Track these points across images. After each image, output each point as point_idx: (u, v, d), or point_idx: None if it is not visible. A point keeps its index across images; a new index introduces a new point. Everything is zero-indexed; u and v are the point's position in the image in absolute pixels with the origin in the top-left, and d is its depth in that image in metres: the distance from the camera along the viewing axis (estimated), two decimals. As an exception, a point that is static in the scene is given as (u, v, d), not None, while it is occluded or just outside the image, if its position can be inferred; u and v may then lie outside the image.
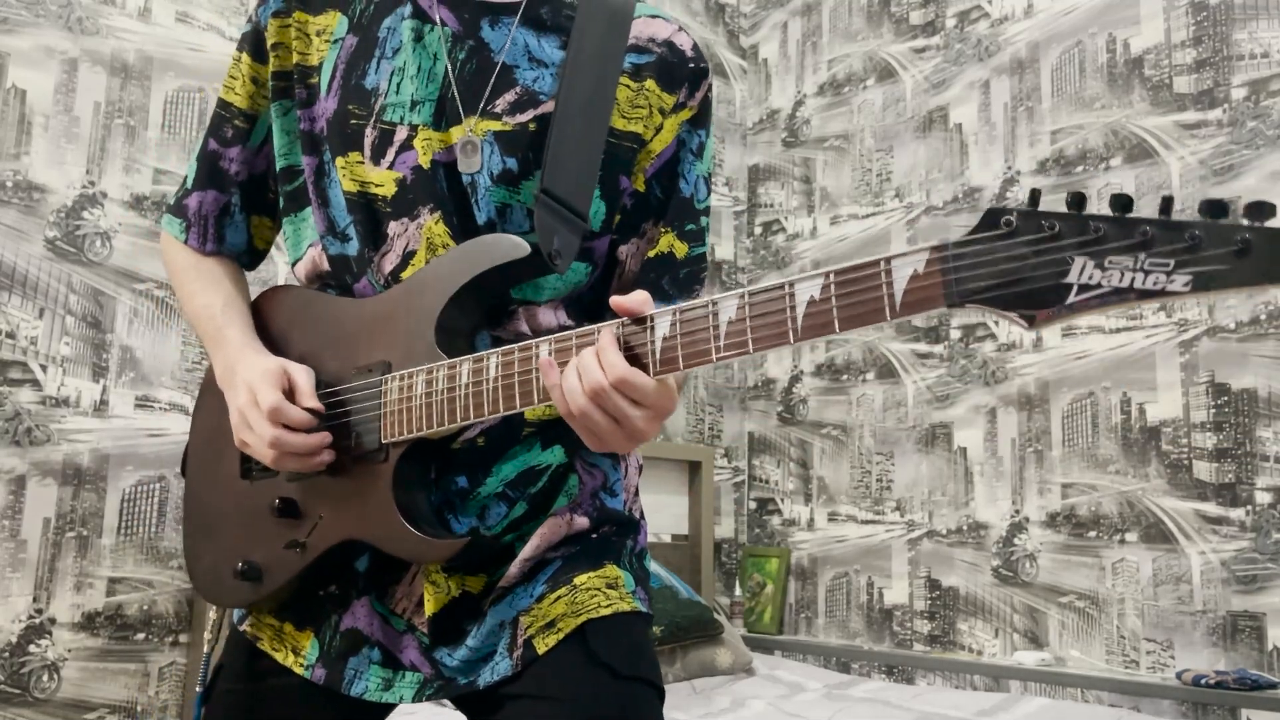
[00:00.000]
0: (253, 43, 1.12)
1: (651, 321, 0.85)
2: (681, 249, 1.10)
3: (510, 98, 1.03)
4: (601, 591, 1.01)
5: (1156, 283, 0.65)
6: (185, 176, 1.16)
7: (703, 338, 0.82)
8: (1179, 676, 2.52)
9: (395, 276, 1.02)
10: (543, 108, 1.03)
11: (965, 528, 3.14)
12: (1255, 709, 2.42)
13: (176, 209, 1.15)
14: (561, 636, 0.98)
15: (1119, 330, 2.85)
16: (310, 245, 1.10)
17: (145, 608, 2.42)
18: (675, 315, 0.83)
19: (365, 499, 0.98)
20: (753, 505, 3.81)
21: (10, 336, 2.30)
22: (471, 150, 1.01)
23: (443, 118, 1.03)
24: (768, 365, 3.84)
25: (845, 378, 3.56)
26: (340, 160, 1.05)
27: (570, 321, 1.06)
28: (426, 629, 1.01)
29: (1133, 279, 0.66)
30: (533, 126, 1.03)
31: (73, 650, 2.30)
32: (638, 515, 1.12)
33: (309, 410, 0.98)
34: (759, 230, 4.00)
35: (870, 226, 3.58)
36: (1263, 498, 2.54)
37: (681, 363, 0.83)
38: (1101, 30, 3.03)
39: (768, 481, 3.77)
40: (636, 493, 1.13)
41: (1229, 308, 2.65)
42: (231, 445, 1.05)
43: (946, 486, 3.21)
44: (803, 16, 3.96)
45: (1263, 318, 2.60)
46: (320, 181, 1.08)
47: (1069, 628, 2.86)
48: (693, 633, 2.88)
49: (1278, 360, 2.57)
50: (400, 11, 1.05)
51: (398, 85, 1.04)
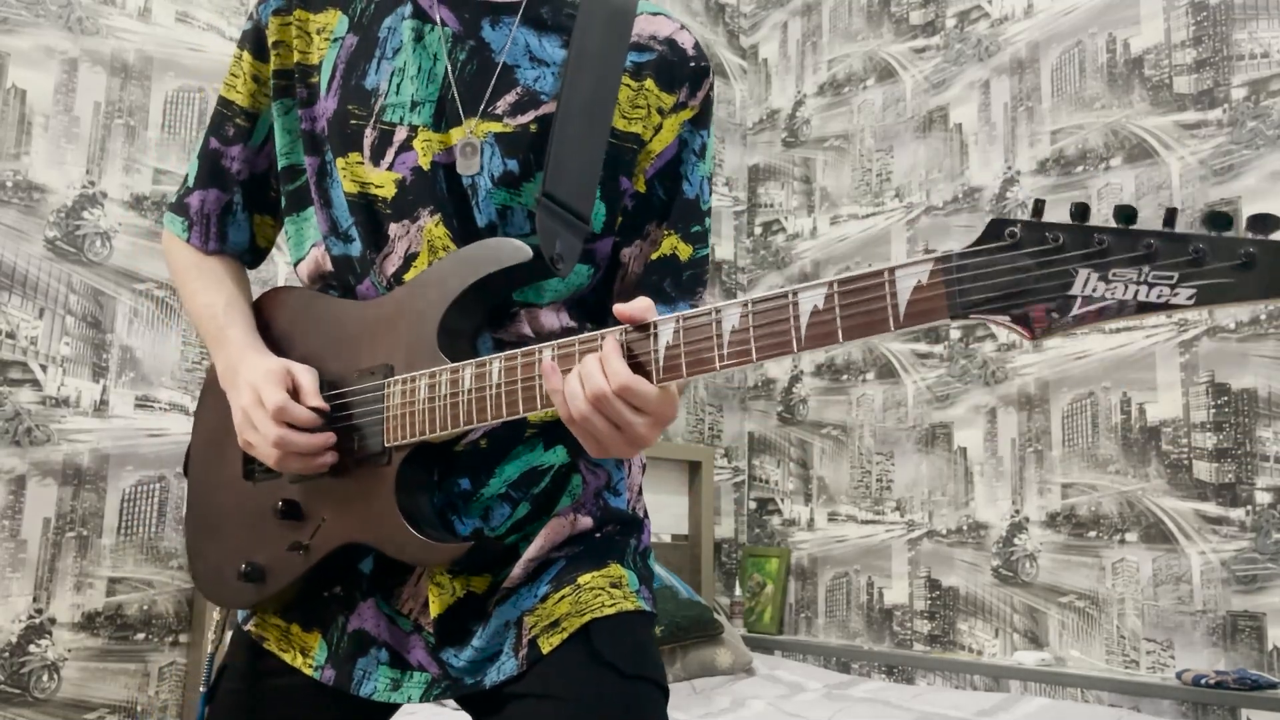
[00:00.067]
0: (253, 40, 1.11)
1: (655, 329, 0.84)
2: (685, 251, 1.09)
3: (511, 99, 1.02)
4: (605, 591, 1.01)
5: (1160, 296, 0.65)
6: (187, 174, 1.15)
7: (706, 346, 0.82)
8: (1179, 676, 2.52)
9: (398, 278, 1.02)
10: (544, 108, 1.02)
11: (965, 528, 3.14)
12: (1255, 709, 2.42)
13: (178, 207, 1.15)
14: (566, 636, 0.98)
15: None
16: (313, 245, 1.09)
17: (145, 608, 2.41)
18: (678, 323, 0.83)
19: (368, 502, 0.98)
20: (753, 505, 3.81)
21: (10, 336, 2.30)
22: (471, 152, 1.00)
23: (443, 119, 1.02)
24: (767, 365, 3.84)
25: (845, 378, 3.56)
26: (341, 161, 1.04)
27: (573, 323, 1.06)
28: (433, 630, 1.01)
29: (1136, 292, 0.66)
30: (534, 128, 1.02)
31: (73, 650, 2.30)
32: (641, 514, 1.12)
33: (314, 409, 0.98)
34: (759, 230, 4.00)
35: (870, 226, 3.58)
36: (1263, 498, 2.55)
37: (685, 370, 0.83)
38: (1101, 30, 3.03)
39: (768, 481, 3.77)
40: (640, 492, 1.13)
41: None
42: (234, 446, 1.05)
43: (946, 486, 3.21)
44: (803, 16, 3.96)
45: (1263, 318, 2.61)
46: (322, 182, 1.07)
47: (1069, 628, 2.86)
48: (693, 633, 2.88)
49: (1278, 360, 2.57)
50: (401, 11, 1.04)
51: (398, 86, 1.03)
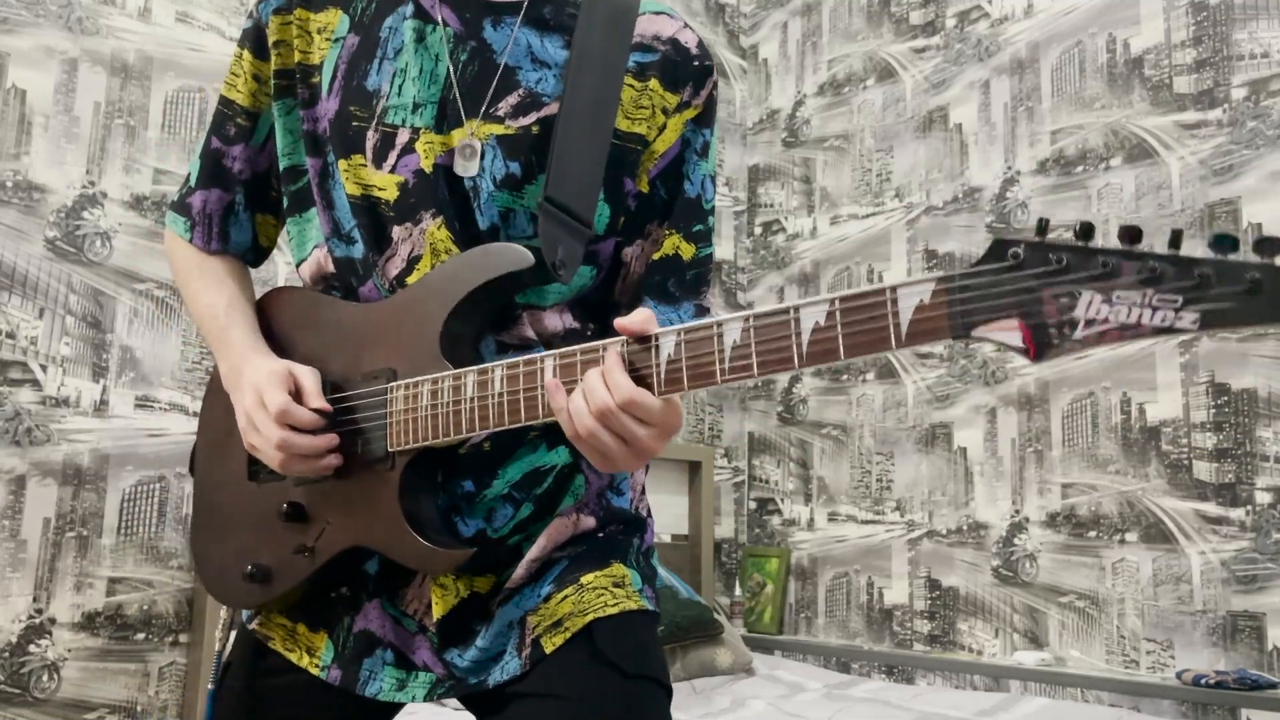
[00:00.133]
0: (254, 39, 1.10)
1: (656, 341, 0.84)
2: (688, 250, 1.08)
3: (513, 100, 1.02)
4: (608, 590, 1.01)
5: (1165, 319, 0.65)
6: (188, 173, 1.15)
7: (707, 359, 0.81)
8: (1179, 676, 2.52)
9: (400, 281, 1.01)
10: (546, 110, 1.01)
11: (965, 528, 3.14)
12: (1255, 709, 2.42)
13: (180, 206, 1.14)
14: (568, 636, 0.98)
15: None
16: (315, 247, 1.09)
17: (145, 608, 2.41)
18: (680, 336, 0.83)
19: (372, 506, 0.97)
20: (753, 505, 3.81)
21: (10, 336, 2.30)
22: (470, 153, 0.99)
23: (444, 121, 1.01)
24: (767, 365, 3.83)
25: (845, 378, 3.56)
26: (343, 163, 1.04)
27: (575, 324, 1.05)
28: (435, 630, 1.01)
29: (1140, 315, 0.66)
30: (535, 130, 1.01)
31: (73, 650, 2.30)
32: (644, 514, 1.11)
33: (317, 411, 0.98)
34: (759, 230, 4.00)
35: (870, 226, 3.58)
36: (1263, 498, 2.55)
37: (686, 383, 0.83)
38: (1101, 30, 3.03)
39: (768, 481, 3.77)
40: (643, 491, 1.13)
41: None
42: (238, 446, 1.04)
43: (946, 486, 3.21)
44: (803, 16, 3.96)
45: (1263, 318, 2.60)
46: (325, 183, 1.06)
47: (1069, 628, 2.86)
48: (693, 633, 2.88)
49: (1278, 360, 2.57)
50: (402, 10, 1.04)
51: (399, 87, 1.02)
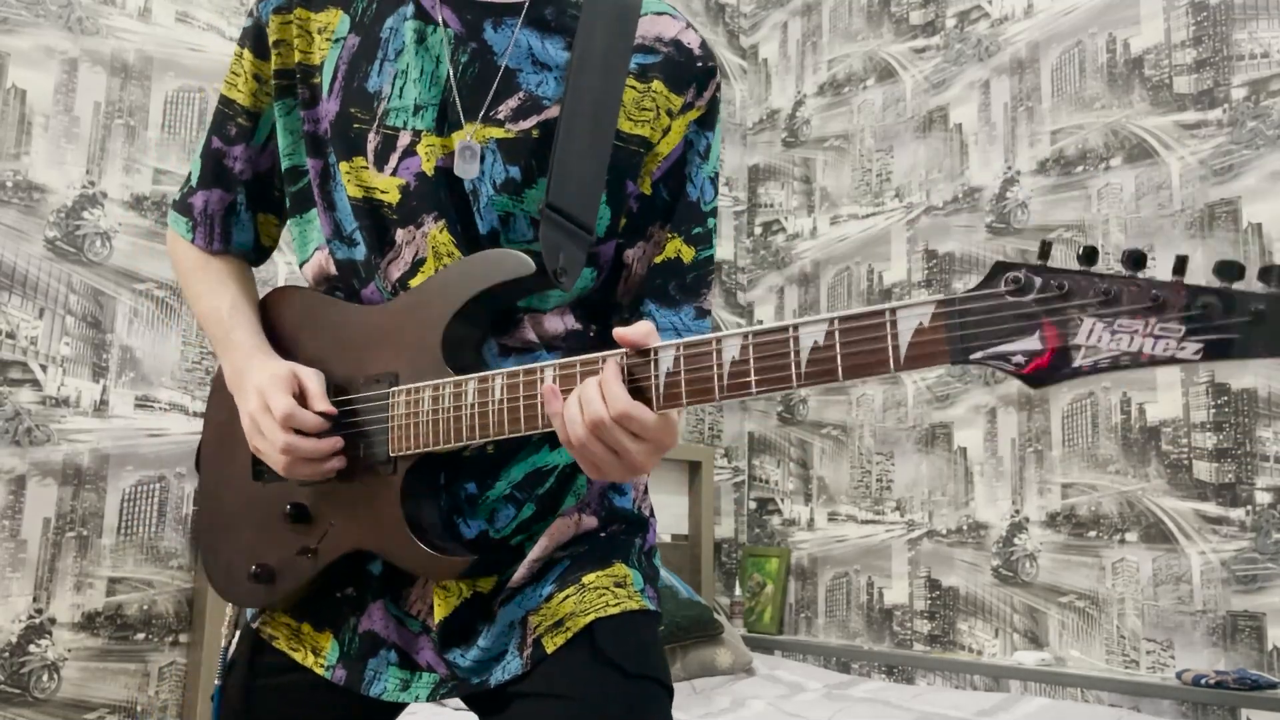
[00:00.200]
0: (254, 38, 1.09)
1: (655, 355, 0.84)
2: (689, 253, 1.07)
3: (513, 103, 1.01)
4: (610, 590, 1.01)
5: (1166, 349, 0.64)
6: (190, 173, 1.15)
7: (706, 375, 0.81)
8: (1179, 676, 2.52)
9: (403, 283, 1.01)
10: (547, 113, 1.01)
11: (965, 528, 3.14)
12: (1255, 709, 2.42)
13: (182, 207, 1.14)
14: (570, 635, 0.98)
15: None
16: (317, 248, 1.09)
17: (145, 608, 2.41)
18: (679, 350, 0.82)
19: (375, 510, 0.97)
20: (753, 505, 3.81)
21: (10, 336, 2.30)
22: (470, 155, 0.99)
23: (445, 123, 1.00)
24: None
25: (845, 378, 3.56)
26: (345, 165, 1.03)
27: (578, 325, 1.05)
28: (437, 631, 1.01)
29: (1142, 345, 0.65)
30: (536, 134, 1.00)
31: (73, 650, 2.30)
32: (647, 513, 1.11)
33: (321, 414, 0.97)
34: (759, 230, 4.00)
35: (870, 226, 3.58)
36: (1263, 498, 2.55)
37: (685, 399, 0.82)
38: (1101, 30, 3.03)
39: (768, 481, 3.77)
40: (646, 491, 1.12)
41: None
42: (243, 447, 1.04)
43: (946, 486, 3.21)
44: (803, 16, 3.96)
45: (1263, 318, 2.60)
46: (326, 185, 1.06)
47: (1069, 628, 2.86)
48: (693, 633, 2.88)
49: (1278, 360, 2.57)
50: (403, 11, 1.03)
51: (400, 89, 1.01)
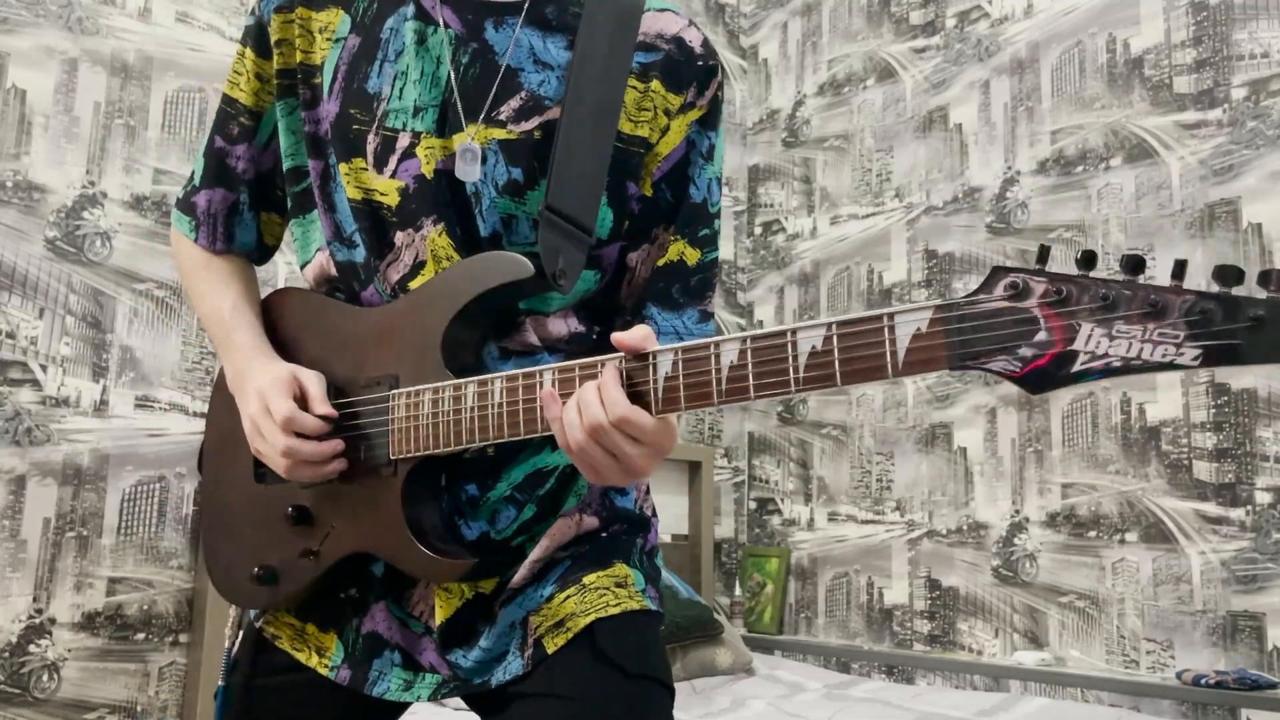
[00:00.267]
0: (256, 37, 1.09)
1: (654, 359, 0.83)
2: (693, 255, 1.07)
3: (514, 104, 1.00)
4: (610, 590, 1.01)
5: (1165, 354, 0.64)
6: (193, 172, 1.14)
7: (704, 380, 0.81)
8: (1179, 676, 2.52)
9: (403, 286, 1.01)
10: (548, 114, 1.00)
11: (965, 528, 3.14)
12: (1255, 709, 2.43)
13: (185, 206, 1.14)
14: (570, 636, 0.98)
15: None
16: (318, 249, 1.08)
17: (145, 608, 2.41)
18: (677, 355, 0.82)
19: (376, 512, 0.97)
20: (753, 505, 3.81)
21: (10, 336, 2.30)
22: (471, 158, 0.98)
23: (445, 125, 1.00)
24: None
25: (845, 378, 3.56)
26: (344, 166, 1.03)
27: (581, 328, 1.05)
28: (438, 633, 1.01)
29: (1141, 350, 0.65)
30: (538, 135, 0.99)
31: (73, 650, 2.30)
32: (649, 513, 1.11)
33: (323, 416, 0.97)
34: (759, 230, 4.00)
35: (870, 226, 3.58)
36: (1263, 498, 2.55)
37: (683, 403, 0.82)
38: (1101, 30, 3.03)
39: (768, 481, 3.77)
40: (648, 491, 1.12)
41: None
42: (245, 448, 1.04)
43: (946, 486, 3.21)
44: (803, 16, 3.96)
45: (1263, 318, 2.60)
46: (326, 186, 1.05)
47: (1069, 628, 2.86)
48: (693, 633, 2.88)
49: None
50: (403, 11, 1.02)
51: (400, 90, 1.01)
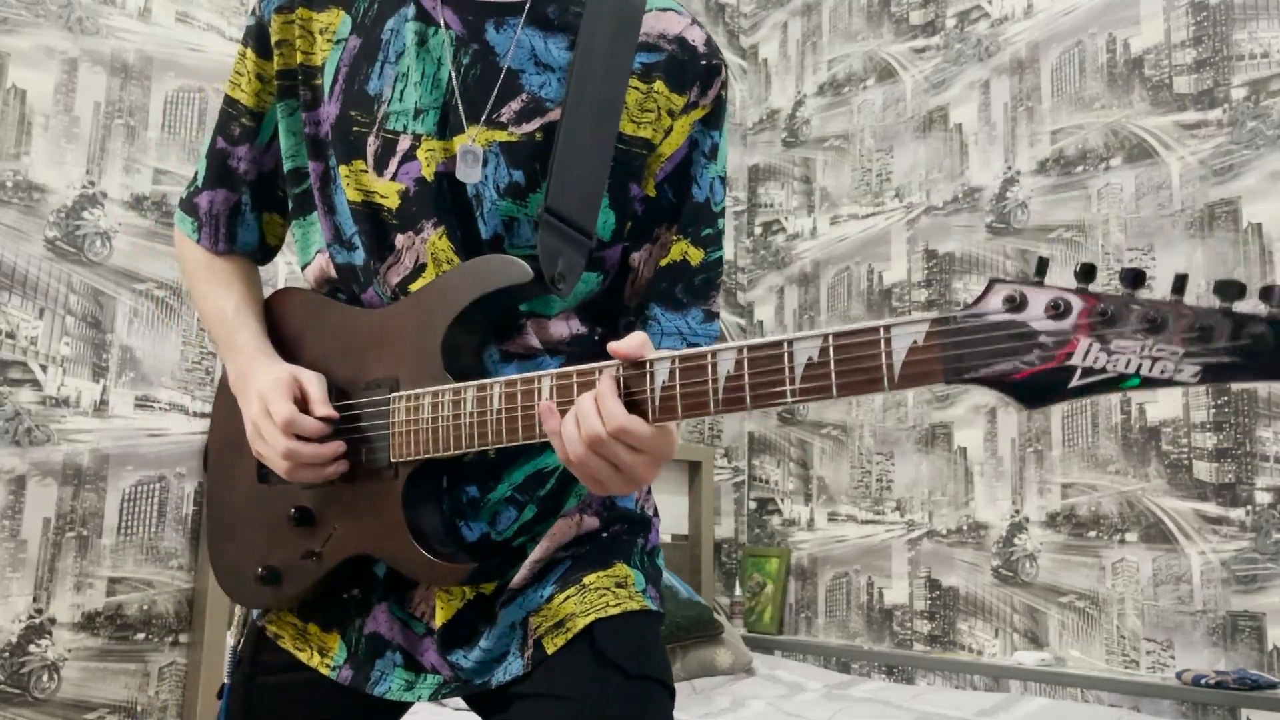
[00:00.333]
0: (257, 38, 1.09)
1: (651, 367, 0.83)
2: (696, 255, 1.06)
3: (516, 106, 0.99)
4: (610, 591, 1.01)
5: (1164, 371, 0.63)
6: (196, 172, 1.15)
7: (701, 389, 0.81)
8: (1179, 676, 2.52)
9: (403, 288, 1.00)
10: (549, 116, 0.99)
11: (965, 528, 3.14)
12: (1255, 709, 2.43)
13: (188, 206, 1.14)
14: (570, 636, 0.98)
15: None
16: (318, 251, 1.08)
17: (145, 608, 2.41)
18: (674, 363, 0.82)
19: (377, 515, 0.98)
20: (753, 505, 3.81)
21: (10, 336, 2.29)
22: (472, 160, 0.98)
23: (446, 127, 0.99)
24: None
25: (845, 378, 3.56)
26: (344, 168, 1.02)
27: (583, 329, 1.04)
28: (438, 634, 1.01)
29: (1139, 366, 0.64)
30: (539, 137, 0.99)
31: (73, 650, 2.30)
32: (650, 513, 1.11)
33: (323, 418, 0.97)
34: (759, 230, 4.00)
35: (870, 226, 3.58)
36: (1263, 498, 2.55)
37: (680, 411, 0.82)
38: (1101, 30, 3.03)
39: (768, 481, 3.77)
40: (649, 491, 1.12)
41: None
42: (249, 448, 1.04)
43: (946, 486, 3.21)
44: (803, 16, 3.96)
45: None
46: (326, 188, 1.05)
47: (1069, 628, 2.86)
48: (693, 633, 2.88)
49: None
50: (404, 12, 1.02)
51: (401, 92, 1.00)
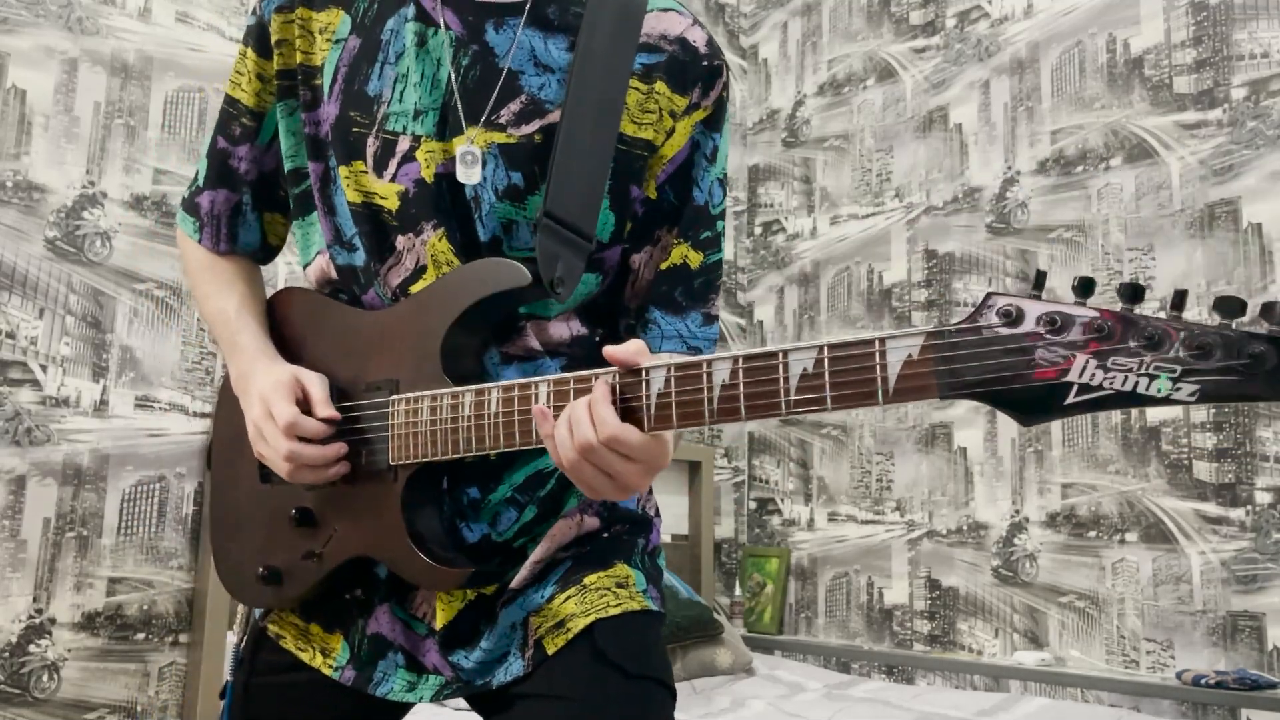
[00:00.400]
0: (257, 37, 1.08)
1: (647, 375, 0.83)
2: (696, 259, 1.06)
3: (515, 107, 0.99)
4: (611, 591, 1.00)
5: (1161, 390, 0.63)
6: (197, 172, 1.14)
7: (696, 398, 0.80)
8: (1179, 676, 2.52)
9: (404, 290, 1.00)
10: (549, 117, 0.99)
11: (965, 528, 3.14)
12: (1255, 709, 2.43)
13: (189, 206, 1.14)
14: (570, 636, 0.97)
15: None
16: (319, 251, 1.08)
17: (145, 608, 2.41)
18: (669, 371, 0.82)
19: (377, 517, 0.97)
20: (753, 505, 3.81)
21: (10, 336, 2.29)
22: (471, 161, 0.97)
23: (446, 128, 0.99)
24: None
25: (845, 378, 3.56)
26: (344, 169, 1.02)
27: (584, 330, 1.04)
28: (439, 635, 1.01)
29: (1136, 383, 0.63)
30: (538, 139, 0.99)
31: (73, 650, 2.30)
32: (651, 513, 1.11)
33: (325, 419, 0.97)
34: (759, 230, 4.00)
35: (870, 226, 3.58)
36: (1263, 498, 2.55)
37: (675, 421, 0.81)
38: (1101, 30, 3.03)
39: (768, 481, 3.77)
40: (650, 491, 1.12)
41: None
42: (251, 448, 1.04)
43: (946, 486, 3.21)
44: (803, 16, 3.96)
45: (1263, 318, 2.60)
46: (326, 189, 1.05)
47: (1069, 628, 2.86)
48: (693, 633, 2.88)
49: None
50: (404, 13, 1.01)
51: (401, 93, 1.00)
